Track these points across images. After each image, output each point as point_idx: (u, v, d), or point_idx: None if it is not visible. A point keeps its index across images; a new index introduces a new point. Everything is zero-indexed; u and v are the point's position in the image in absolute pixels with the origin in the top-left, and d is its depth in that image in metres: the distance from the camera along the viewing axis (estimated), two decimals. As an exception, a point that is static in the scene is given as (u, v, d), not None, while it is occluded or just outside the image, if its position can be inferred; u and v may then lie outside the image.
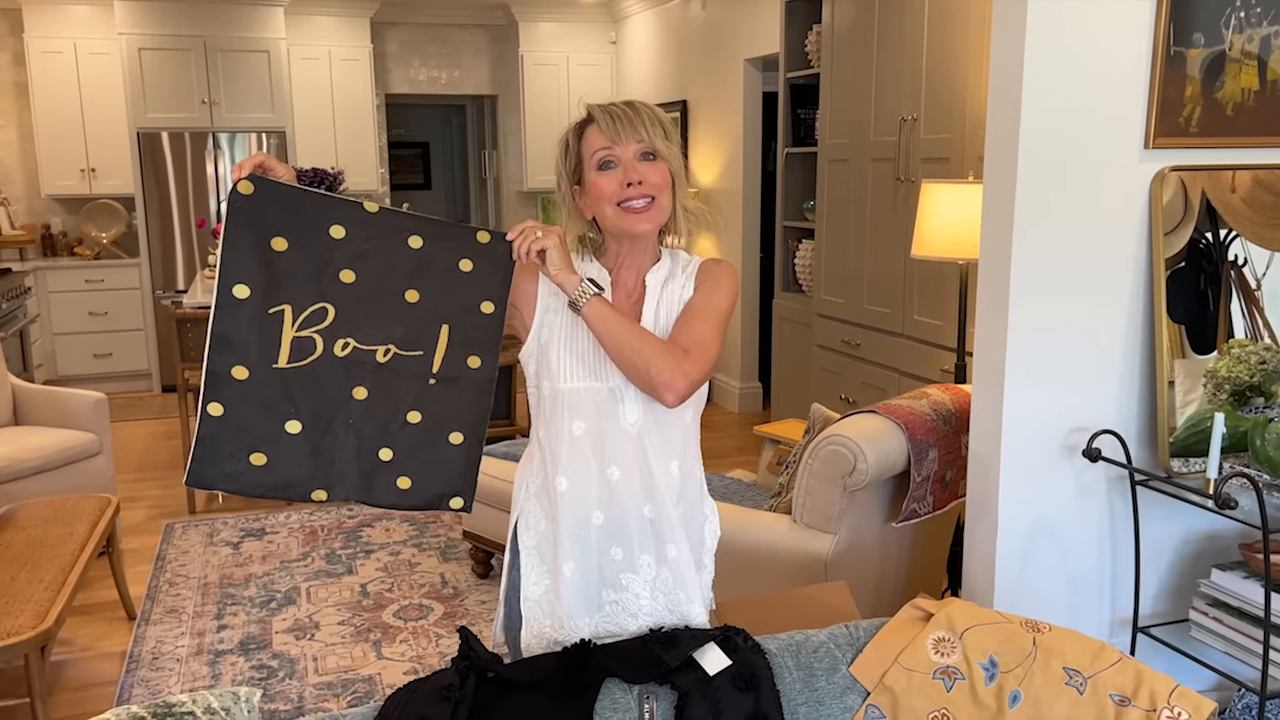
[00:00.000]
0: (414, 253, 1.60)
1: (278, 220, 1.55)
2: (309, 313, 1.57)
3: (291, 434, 1.59)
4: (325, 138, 7.66)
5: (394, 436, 1.63)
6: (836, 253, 4.73)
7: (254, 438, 1.58)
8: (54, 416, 4.34)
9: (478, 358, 1.64)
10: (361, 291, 1.59)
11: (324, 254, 1.57)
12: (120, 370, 7.35)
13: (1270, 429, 2.32)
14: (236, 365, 1.56)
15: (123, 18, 6.89)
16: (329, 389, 1.60)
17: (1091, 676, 1.70)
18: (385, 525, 4.62)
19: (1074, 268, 2.42)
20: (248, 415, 1.58)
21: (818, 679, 1.76)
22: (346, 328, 1.59)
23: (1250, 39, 2.44)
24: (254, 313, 1.56)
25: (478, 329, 1.64)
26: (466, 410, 1.65)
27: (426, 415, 1.64)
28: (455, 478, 1.66)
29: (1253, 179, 2.54)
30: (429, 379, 1.63)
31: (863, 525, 2.77)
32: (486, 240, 1.64)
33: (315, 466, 1.61)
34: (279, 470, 1.60)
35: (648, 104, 1.69)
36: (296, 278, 1.56)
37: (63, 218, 7.53)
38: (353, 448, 1.62)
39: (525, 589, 1.75)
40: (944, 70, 3.86)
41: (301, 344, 1.58)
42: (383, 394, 1.62)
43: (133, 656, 3.42)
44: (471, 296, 1.63)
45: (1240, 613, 2.35)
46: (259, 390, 1.57)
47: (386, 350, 1.61)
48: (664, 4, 7.19)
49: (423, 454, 1.65)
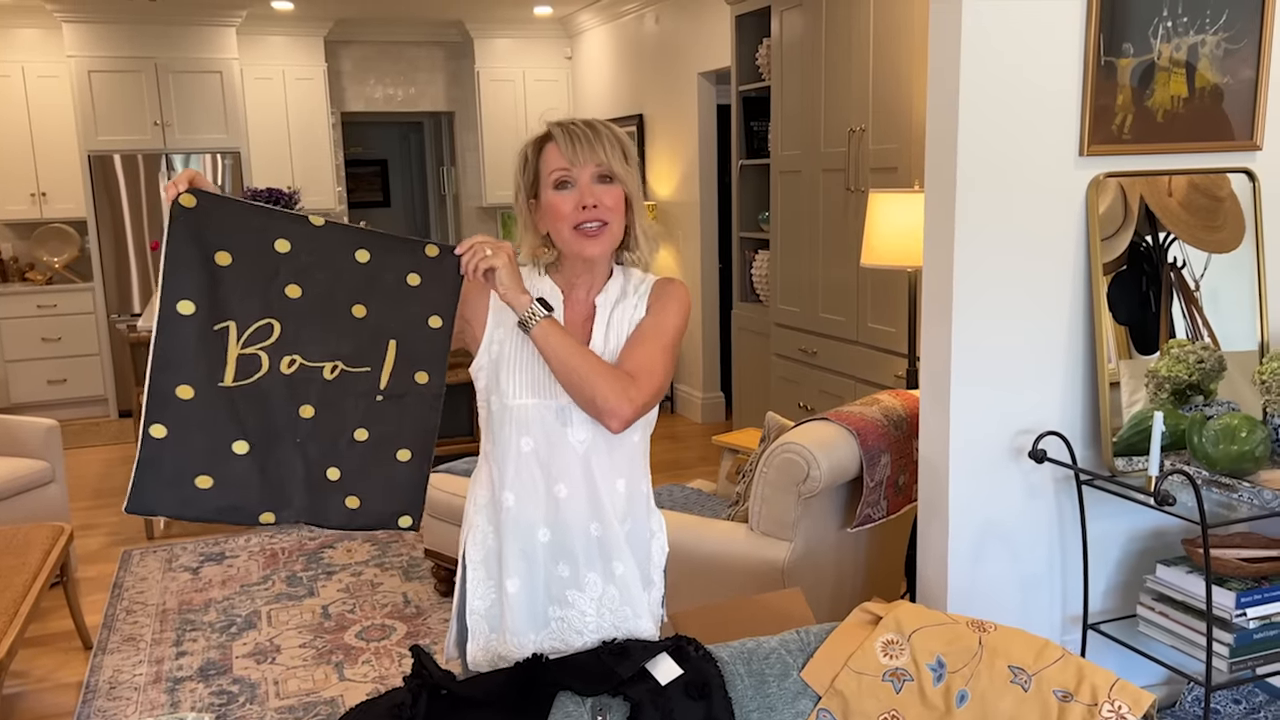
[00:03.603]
0: (361, 267, 1.58)
1: (221, 235, 1.52)
2: (254, 329, 1.55)
3: (239, 454, 1.57)
4: (281, 157, 7.61)
5: (342, 455, 1.62)
6: (791, 262, 4.78)
7: (200, 460, 1.55)
8: (4, 445, 4.27)
9: (425, 373, 1.63)
10: (308, 307, 1.57)
11: (269, 269, 1.54)
12: (75, 396, 7.24)
13: (1208, 426, 2.37)
14: (181, 384, 1.53)
15: (71, 40, 6.82)
16: (276, 407, 1.58)
17: (1035, 674, 1.74)
18: (347, 546, 4.59)
19: (1016, 273, 2.47)
20: (193, 436, 1.54)
21: (769, 685, 1.78)
22: (293, 344, 1.57)
23: (1178, 48, 2.51)
24: (199, 329, 1.52)
25: (425, 344, 1.62)
26: (414, 427, 1.64)
27: (374, 432, 1.62)
28: (403, 496, 1.65)
29: (1188, 183, 2.61)
30: (376, 395, 1.61)
31: (818, 532, 2.80)
32: (435, 254, 1.62)
33: (263, 488, 1.59)
34: (226, 493, 1.58)
35: (609, 125, 1.70)
36: (241, 293, 1.53)
37: (13, 243, 7.42)
38: (301, 468, 1.60)
39: (471, 603, 1.75)
40: (890, 82, 3.92)
41: (247, 361, 1.55)
42: (330, 412, 1.60)
43: (89, 687, 3.37)
44: (419, 311, 1.62)
45: (1185, 607, 2.41)
46: (204, 410, 1.54)
47: (334, 367, 1.59)
48: (618, 19, 7.24)
49: (371, 472, 1.63)
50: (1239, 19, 2.54)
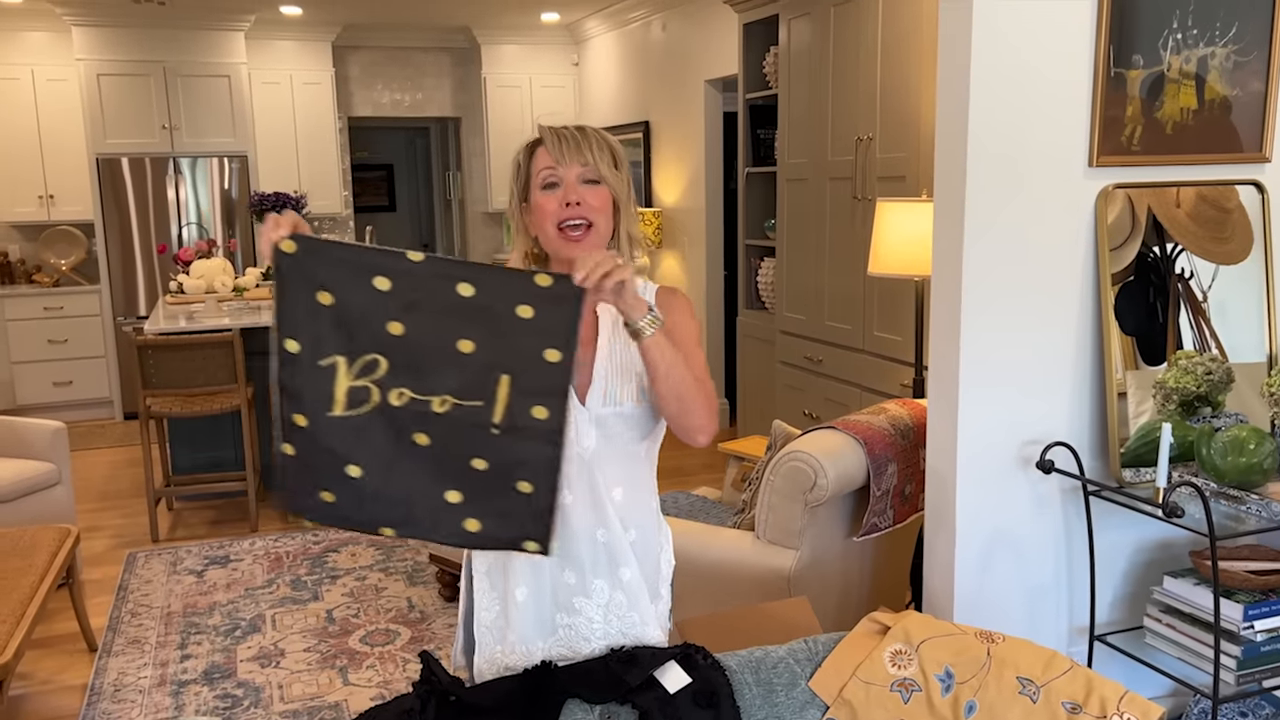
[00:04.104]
0: (465, 301, 1.52)
1: (322, 275, 1.52)
2: (361, 364, 1.54)
3: (353, 477, 1.57)
4: (288, 161, 7.63)
5: (461, 480, 1.58)
6: (797, 270, 4.79)
7: (321, 478, 1.57)
8: (11, 447, 4.28)
9: (544, 408, 1.54)
10: (412, 343, 1.54)
11: (370, 307, 1.53)
12: (81, 398, 7.26)
13: (1216, 438, 2.37)
14: (297, 413, 1.55)
15: (80, 44, 6.85)
16: (389, 435, 1.56)
17: (1044, 685, 1.74)
18: (352, 550, 4.60)
19: (1024, 283, 2.47)
20: (312, 457, 1.57)
21: (777, 694, 1.78)
22: (400, 378, 1.54)
23: (1188, 60, 2.52)
24: (306, 366, 1.54)
25: (541, 378, 1.54)
26: (534, 461, 1.56)
27: (492, 463, 1.57)
28: (527, 523, 1.58)
29: (1196, 195, 2.61)
30: (491, 429, 1.55)
31: (825, 540, 2.80)
32: (548, 284, 1.52)
33: (380, 507, 1.58)
34: (345, 509, 1.59)
35: (600, 130, 1.72)
36: (345, 330, 1.54)
37: (20, 245, 7.45)
38: (419, 489, 1.57)
39: (478, 614, 1.75)
40: (898, 90, 3.93)
41: (356, 393, 1.55)
42: (445, 441, 1.56)
43: (94, 689, 3.38)
44: (533, 344, 1.53)
45: (1192, 619, 2.40)
46: (319, 436, 1.56)
47: (443, 400, 1.55)
48: (625, 26, 7.25)
49: (491, 499, 1.58)
50: (1248, 32, 2.55)
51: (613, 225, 1.71)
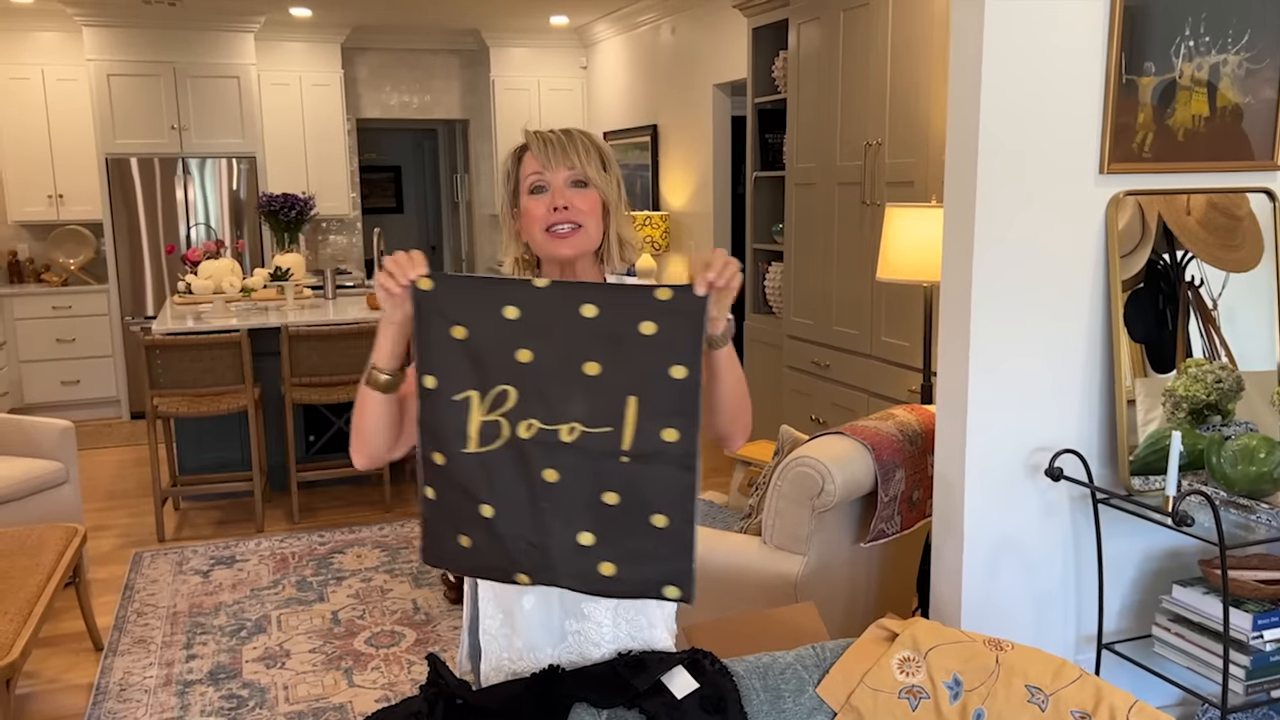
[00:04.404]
0: (589, 323, 1.49)
1: (455, 310, 1.52)
2: (493, 396, 1.52)
3: (486, 518, 1.55)
4: (296, 162, 7.65)
5: (592, 520, 1.53)
6: (805, 275, 4.78)
7: (458, 521, 1.56)
8: (19, 445, 4.29)
9: (674, 430, 1.49)
10: (540, 369, 1.51)
11: (501, 336, 1.51)
12: (88, 397, 7.28)
13: (1226, 447, 2.36)
14: (435, 451, 1.54)
15: (91, 44, 6.87)
16: (519, 472, 1.53)
17: (1053, 694, 1.73)
18: (357, 552, 4.60)
19: (1034, 289, 2.47)
20: (450, 499, 1.56)
21: (785, 700, 1.78)
22: (529, 408, 1.52)
23: (1200, 67, 2.51)
24: (442, 401, 1.54)
25: (670, 398, 1.49)
26: (667, 490, 1.50)
27: (624, 496, 1.52)
28: (666, 564, 1.53)
29: (1207, 202, 2.60)
30: (620, 456, 1.51)
31: (832, 546, 2.80)
32: (668, 297, 1.48)
33: (513, 551, 1.55)
34: (481, 554, 1.56)
35: (587, 133, 1.72)
36: (477, 363, 1.52)
37: (30, 244, 7.47)
38: (550, 532, 1.54)
39: (483, 621, 1.74)
40: (907, 95, 3.92)
41: (488, 428, 1.53)
42: (574, 475, 1.52)
43: (100, 688, 3.38)
44: (658, 362, 1.48)
45: (1201, 628, 2.39)
46: (455, 475, 1.55)
47: (572, 429, 1.51)
48: (634, 30, 7.26)
49: (625, 539, 1.53)
50: (1261, 39, 2.54)
51: (603, 228, 1.71)
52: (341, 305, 5.80)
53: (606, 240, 1.72)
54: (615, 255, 1.74)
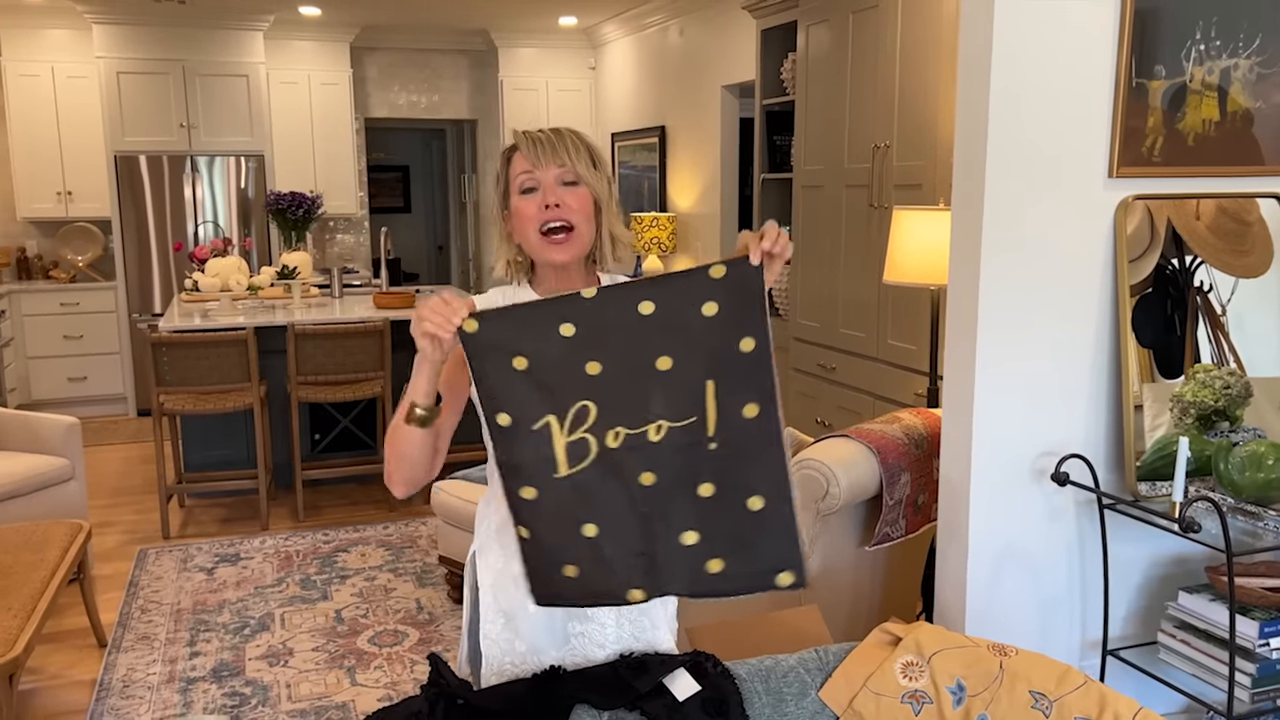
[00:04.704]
0: (649, 319, 1.48)
1: (510, 343, 1.49)
2: (572, 416, 1.51)
3: (589, 538, 1.53)
4: (304, 161, 7.66)
5: (691, 517, 1.52)
6: (812, 277, 4.77)
7: (560, 552, 1.54)
8: (26, 441, 4.30)
9: (754, 405, 1.48)
10: (613, 377, 1.50)
11: (563, 356, 1.50)
12: (95, 394, 7.29)
13: (1234, 453, 2.35)
14: (524, 486, 1.53)
15: (101, 42, 6.89)
16: (615, 484, 1.52)
17: (1057, 700, 1.72)
18: (361, 551, 4.60)
19: (1041, 293, 2.46)
20: (548, 532, 1.54)
21: (787, 704, 1.77)
22: (613, 417, 1.51)
23: (1210, 71, 2.49)
24: (521, 435, 1.52)
25: (743, 373, 1.48)
26: (759, 468, 1.49)
27: (718, 485, 1.51)
28: (772, 549, 1.52)
29: (1216, 207, 2.59)
30: (708, 444, 1.50)
31: (836, 549, 2.79)
32: (723, 274, 1.47)
33: (622, 567, 1.54)
34: (590, 580, 1.55)
35: (576, 131, 1.71)
36: (547, 388, 1.50)
37: (38, 240, 7.49)
38: (656, 537, 1.53)
39: (484, 626, 1.74)
40: (916, 98, 3.91)
41: (576, 447, 1.52)
42: (668, 474, 1.52)
43: (103, 685, 3.38)
44: (726, 339, 1.48)
45: (1207, 635, 2.38)
46: (550, 505, 1.53)
47: (659, 427, 1.51)
48: (643, 31, 7.25)
49: (727, 529, 1.51)
50: (1272, 44, 2.53)
51: (594, 226, 1.70)
52: (348, 304, 5.81)
53: (599, 239, 1.71)
54: (608, 254, 1.73)
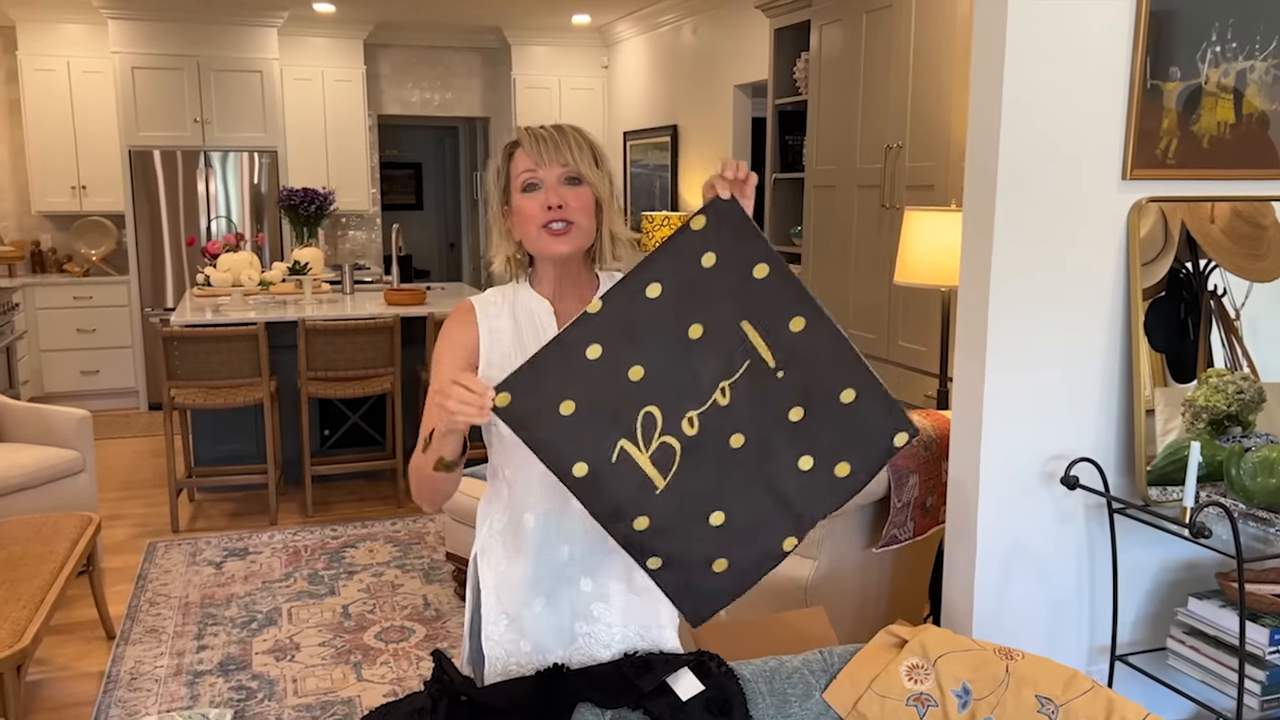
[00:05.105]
0: (660, 299, 1.49)
1: (547, 393, 1.48)
2: (641, 428, 1.51)
3: (718, 525, 1.54)
4: (317, 157, 7.68)
5: (800, 444, 1.53)
6: (823, 277, 4.76)
7: (697, 555, 1.55)
8: (37, 433, 4.32)
9: (798, 318, 1.49)
10: (658, 371, 1.50)
11: (603, 378, 1.49)
12: (107, 387, 7.33)
13: (1246, 459, 2.33)
14: (636, 518, 1.53)
15: (116, 37, 6.92)
16: (711, 464, 1.53)
17: (1063, 704, 1.71)
18: (369, 546, 4.61)
19: (1053, 296, 2.44)
20: (675, 548, 1.54)
21: (791, 705, 1.76)
22: (677, 408, 1.51)
23: (1226, 73, 2.47)
24: (605, 474, 1.51)
25: (770, 297, 1.49)
26: (833, 366, 1.50)
27: (805, 404, 1.52)
28: (880, 424, 1.53)
29: (1231, 210, 2.56)
30: (775, 374, 1.51)
31: (843, 551, 2.78)
32: (704, 223, 1.48)
33: (762, 529, 1.56)
34: (740, 562, 1.56)
35: (579, 128, 1.70)
36: (604, 415, 1.50)
37: (52, 234, 7.53)
38: (776, 484, 1.54)
39: (486, 628, 1.73)
40: (929, 99, 3.90)
41: (659, 456, 1.52)
42: (754, 425, 1.53)
43: (111, 676, 3.40)
44: (738, 277, 1.49)
45: (1217, 641, 2.36)
46: (664, 522, 1.53)
47: (722, 390, 1.51)
48: (655, 30, 7.25)
49: (834, 435, 1.53)
50: (1289, 45, 2.51)
51: (595, 225, 1.69)
52: (359, 300, 5.82)
53: (599, 237, 1.70)
54: (607, 252, 1.72)
